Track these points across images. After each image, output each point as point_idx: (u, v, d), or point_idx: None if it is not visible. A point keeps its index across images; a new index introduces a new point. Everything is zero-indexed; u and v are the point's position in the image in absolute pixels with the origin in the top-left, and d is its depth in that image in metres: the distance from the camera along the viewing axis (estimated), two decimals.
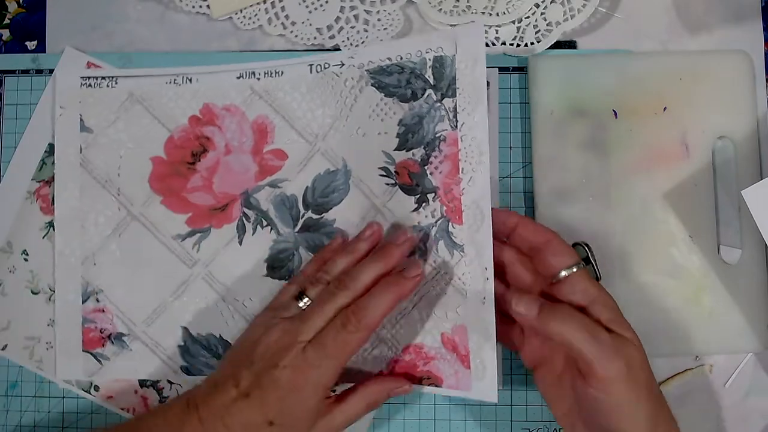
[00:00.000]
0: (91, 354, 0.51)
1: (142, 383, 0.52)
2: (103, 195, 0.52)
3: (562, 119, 0.51)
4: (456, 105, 0.49)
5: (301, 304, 0.45)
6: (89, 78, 0.53)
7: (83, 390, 0.52)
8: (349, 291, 0.44)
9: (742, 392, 0.52)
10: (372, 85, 0.50)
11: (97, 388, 0.52)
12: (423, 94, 0.49)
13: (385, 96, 0.50)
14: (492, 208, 0.47)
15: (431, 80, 0.49)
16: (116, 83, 0.52)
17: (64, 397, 0.53)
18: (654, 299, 0.50)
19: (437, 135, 0.49)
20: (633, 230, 0.51)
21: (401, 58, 0.50)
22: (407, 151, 0.50)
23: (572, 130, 0.51)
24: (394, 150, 0.50)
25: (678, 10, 0.54)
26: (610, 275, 0.50)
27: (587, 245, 0.46)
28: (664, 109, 0.51)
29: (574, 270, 0.43)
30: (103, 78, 0.53)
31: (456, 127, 0.48)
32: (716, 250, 0.51)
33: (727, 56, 0.52)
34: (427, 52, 0.49)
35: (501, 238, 0.47)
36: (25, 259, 0.52)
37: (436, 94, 0.49)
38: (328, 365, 0.42)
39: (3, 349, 0.52)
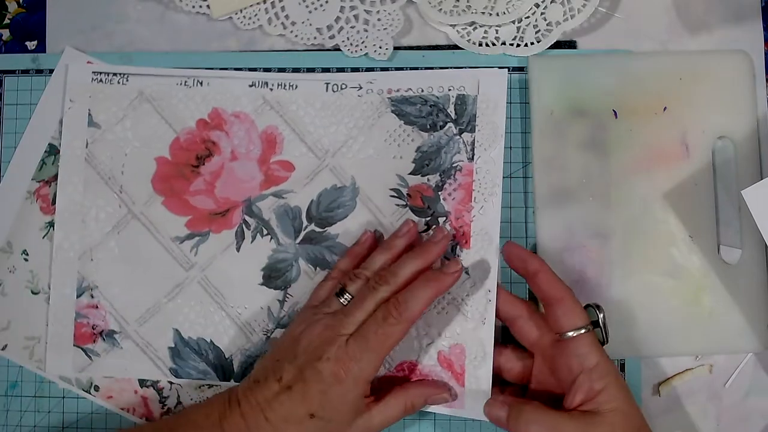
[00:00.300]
0: (82, 349, 0.52)
1: (142, 383, 0.52)
2: (105, 191, 0.52)
3: (562, 119, 0.51)
4: (474, 140, 0.50)
5: (342, 300, 0.46)
6: (101, 73, 0.53)
7: (83, 390, 0.52)
8: (389, 286, 0.45)
9: (742, 392, 0.52)
10: (392, 111, 0.51)
11: (97, 388, 0.52)
12: (443, 127, 0.51)
13: (404, 123, 0.51)
14: (519, 246, 0.48)
15: (453, 115, 0.51)
16: (127, 80, 0.52)
17: (64, 397, 0.53)
18: (654, 299, 0.50)
19: (454, 165, 0.50)
20: (633, 230, 0.51)
21: (422, 90, 0.51)
22: (422, 176, 0.51)
23: (572, 130, 0.51)
24: (409, 174, 0.51)
25: (678, 10, 0.54)
26: (610, 275, 0.50)
27: (598, 308, 0.46)
28: (664, 109, 0.51)
29: (582, 332, 0.44)
30: (115, 74, 0.53)
31: (473, 159, 0.50)
32: (716, 250, 0.51)
33: (727, 56, 0.52)
34: (449, 90, 0.51)
35: (519, 273, 0.48)
36: (25, 259, 0.52)
37: (456, 128, 0.51)
38: (369, 358, 0.43)
39: (3, 349, 0.52)
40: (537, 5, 0.52)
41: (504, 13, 0.52)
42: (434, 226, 0.49)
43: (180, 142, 0.52)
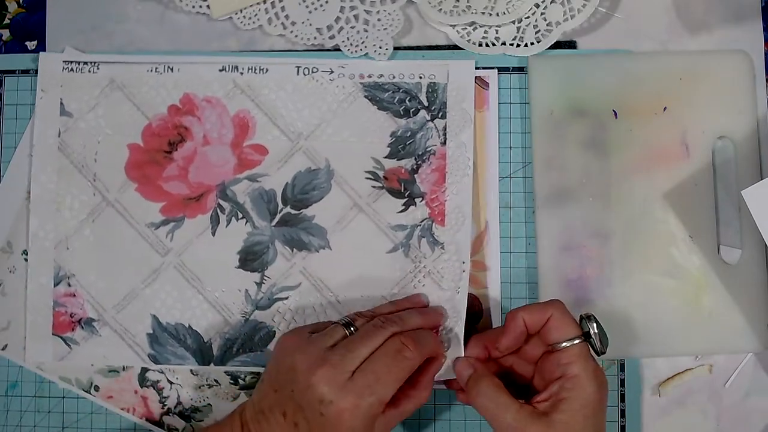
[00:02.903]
0: (61, 338, 0.52)
1: (142, 383, 0.52)
2: (79, 179, 0.52)
3: (562, 119, 0.51)
4: (446, 125, 0.52)
5: (347, 332, 0.45)
6: (71, 62, 0.53)
7: (83, 390, 0.52)
8: (397, 326, 0.45)
9: (742, 392, 0.52)
10: (365, 97, 0.52)
11: (97, 388, 0.52)
12: (417, 113, 0.52)
13: (378, 109, 0.52)
14: (486, 331, 0.50)
15: (425, 102, 0.52)
16: (98, 69, 0.53)
17: (64, 397, 0.53)
18: (654, 299, 0.50)
19: (428, 149, 0.52)
20: (633, 230, 0.51)
21: (394, 77, 0.52)
22: (398, 159, 0.52)
23: (572, 130, 0.51)
24: (384, 157, 0.52)
25: (678, 10, 0.54)
26: (610, 275, 0.50)
27: (590, 318, 0.45)
28: (664, 109, 0.51)
29: (575, 342, 0.43)
30: (86, 63, 0.53)
31: (445, 143, 0.51)
32: (716, 250, 0.51)
33: (727, 56, 0.52)
34: (420, 78, 0.52)
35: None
36: (25, 259, 0.52)
37: (428, 115, 0.52)
38: (379, 393, 0.42)
39: (3, 349, 0.52)
40: (537, 5, 0.52)
41: (504, 13, 0.52)
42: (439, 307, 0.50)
43: (152, 129, 0.52)
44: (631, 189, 0.51)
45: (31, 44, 0.55)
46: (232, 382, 0.52)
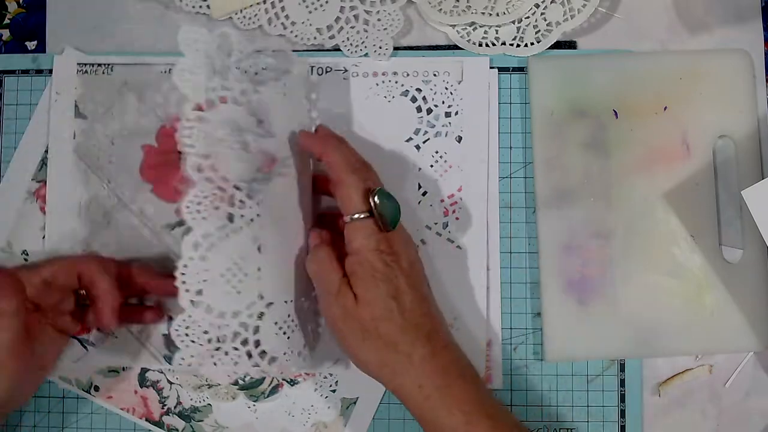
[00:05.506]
0: (78, 339, 0.52)
1: (142, 383, 0.52)
2: (94, 182, 0.52)
3: (563, 119, 0.51)
4: (461, 122, 0.52)
5: None
6: (86, 65, 0.53)
7: (83, 390, 0.52)
8: None
9: (742, 392, 0.52)
10: (380, 95, 0.52)
11: (97, 388, 0.52)
12: (431, 111, 0.52)
13: (393, 107, 0.52)
14: (306, 132, 0.48)
15: (440, 99, 0.52)
16: (112, 70, 0.53)
17: (64, 397, 0.52)
18: (655, 299, 0.50)
19: (443, 146, 0.52)
20: (634, 230, 0.51)
21: (407, 75, 0.52)
22: (413, 156, 0.52)
23: (572, 130, 0.51)
24: (402, 153, 0.52)
25: (678, 10, 0.54)
26: (612, 275, 0.50)
27: (374, 193, 0.43)
28: (665, 108, 0.51)
29: (355, 217, 0.44)
30: (100, 65, 0.53)
31: (460, 140, 0.52)
32: (718, 249, 0.51)
33: (727, 56, 0.52)
34: (435, 75, 0.52)
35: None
36: (25, 259, 0.52)
37: (443, 112, 0.52)
38: None
39: None
40: (537, 5, 0.52)
41: (504, 13, 0.52)
42: None
43: (167, 129, 0.52)
44: (632, 189, 0.51)
45: (31, 44, 0.55)
46: (231, 382, 0.52)
